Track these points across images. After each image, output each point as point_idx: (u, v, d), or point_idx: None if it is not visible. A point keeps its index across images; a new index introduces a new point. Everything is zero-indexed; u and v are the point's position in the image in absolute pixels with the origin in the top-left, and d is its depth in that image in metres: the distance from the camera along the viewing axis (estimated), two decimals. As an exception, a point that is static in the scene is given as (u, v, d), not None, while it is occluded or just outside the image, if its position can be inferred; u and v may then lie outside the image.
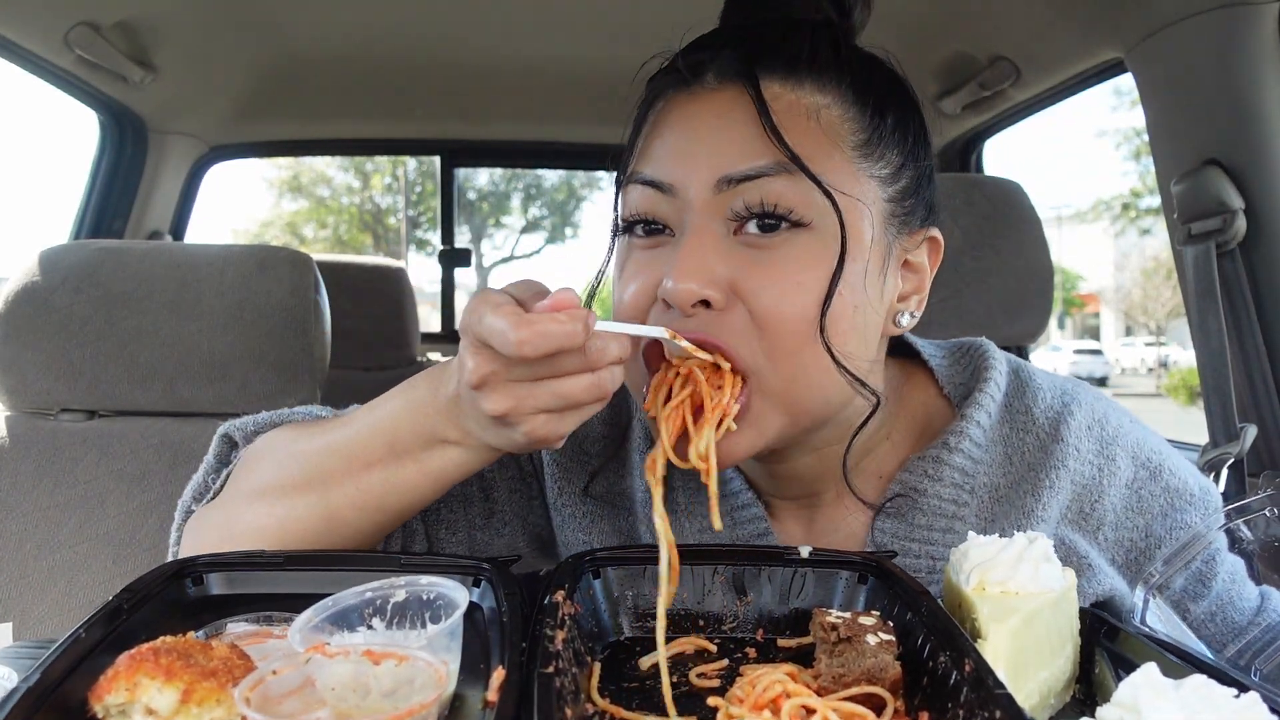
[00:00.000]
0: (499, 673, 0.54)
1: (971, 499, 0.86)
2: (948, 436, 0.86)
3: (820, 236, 0.74)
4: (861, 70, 0.80)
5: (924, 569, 0.85)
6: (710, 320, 0.74)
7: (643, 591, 0.73)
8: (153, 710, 0.52)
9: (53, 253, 1.45)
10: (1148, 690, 0.49)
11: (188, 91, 2.24)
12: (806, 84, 0.77)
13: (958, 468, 0.86)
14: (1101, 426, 0.88)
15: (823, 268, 0.74)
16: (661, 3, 1.86)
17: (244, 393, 1.44)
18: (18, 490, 1.41)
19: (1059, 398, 0.89)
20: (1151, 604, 0.73)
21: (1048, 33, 1.75)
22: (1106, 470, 0.86)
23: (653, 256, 0.79)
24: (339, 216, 21.56)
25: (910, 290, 0.85)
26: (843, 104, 0.77)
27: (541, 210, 22.66)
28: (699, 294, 0.72)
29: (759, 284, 0.73)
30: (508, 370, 0.65)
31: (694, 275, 0.73)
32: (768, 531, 0.89)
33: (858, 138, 0.77)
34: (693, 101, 0.79)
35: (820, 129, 0.76)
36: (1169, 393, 18.79)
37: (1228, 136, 1.36)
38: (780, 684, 0.58)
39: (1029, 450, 0.87)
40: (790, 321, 0.73)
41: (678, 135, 0.78)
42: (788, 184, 0.73)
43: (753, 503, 0.90)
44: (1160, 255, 24.05)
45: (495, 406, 0.66)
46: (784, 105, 0.76)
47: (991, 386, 0.89)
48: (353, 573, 0.70)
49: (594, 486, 0.96)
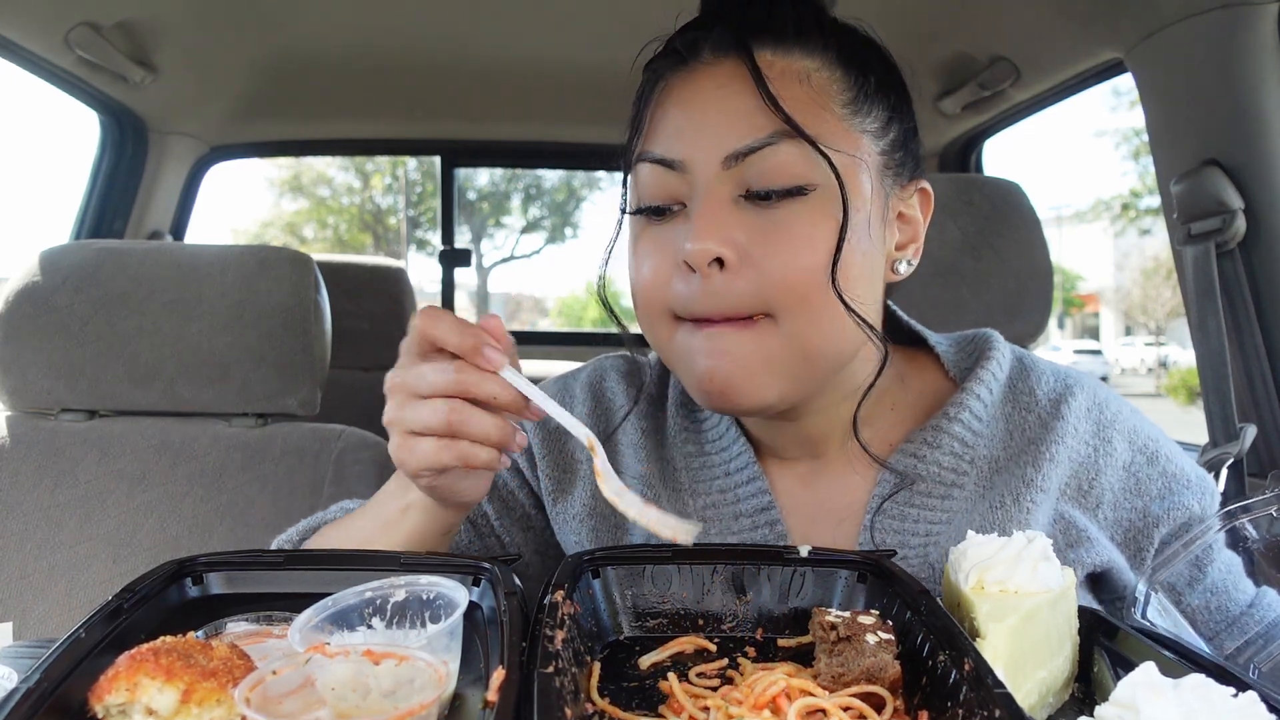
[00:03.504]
0: (499, 672, 0.54)
1: (971, 469, 0.89)
2: (948, 408, 0.91)
3: (824, 194, 0.79)
4: (843, 35, 0.85)
5: (921, 533, 0.87)
6: (724, 281, 0.78)
7: (642, 591, 0.73)
8: (153, 710, 0.52)
9: (53, 253, 1.45)
10: (1146, 689, 0.49)
11: (188, 91, 2.24)
12: (795, 51, 0.82)
13: (957, 437, 0.89)
14: (1100, 410, 0.91)
15: (829, 223, 0.78)
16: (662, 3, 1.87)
17: (244, 393, 1.44)
18: (18, 490, 1.41)
19: (1062, 380, 0.93)
20: (1153, 599, 0.73)
21: (1048, 33, 1.75)
22: (1102, 451, 0.89)
23: (666, 230, 0.83)
24: (339, 216, 21.56)
25: (906, 240, 0.89)
26: (829, 66, 0.82)
27: (541, 210, 22.66)
28: (716, 251, 0.77)
29: (771, 245, 0.78)
30: (405, 386, 0.74)
31: (710, 236, 0.77)
32: (764, 491, 0.92)
33: (846, 95, 0.82)
34: (692, 79, 0.83)
35: (812, 91, 0.81)
36: (1169, 393, 18.79)
37: (1228, 136, 1.36)
38: (778, 683, 0.58)
39: (1030, 426, 0.90)
40: (802, 274, 0.77)
41: (682, 112, 0.83)
42: (790, 150, 0.78)
43: (751, 463, 0.93)
44: (1160, 255, 24.02)
45: (386, 414, 0.75)
46: (777, 72, 0.80)
47: (994, 365, 0.93)
48: (353, 572, 0.70)
49: (582, 504, 0.98)
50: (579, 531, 0.97)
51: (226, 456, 1.46)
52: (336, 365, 1.58)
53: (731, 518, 0.92)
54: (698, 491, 0.94)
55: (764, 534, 0.90)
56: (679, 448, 0.97)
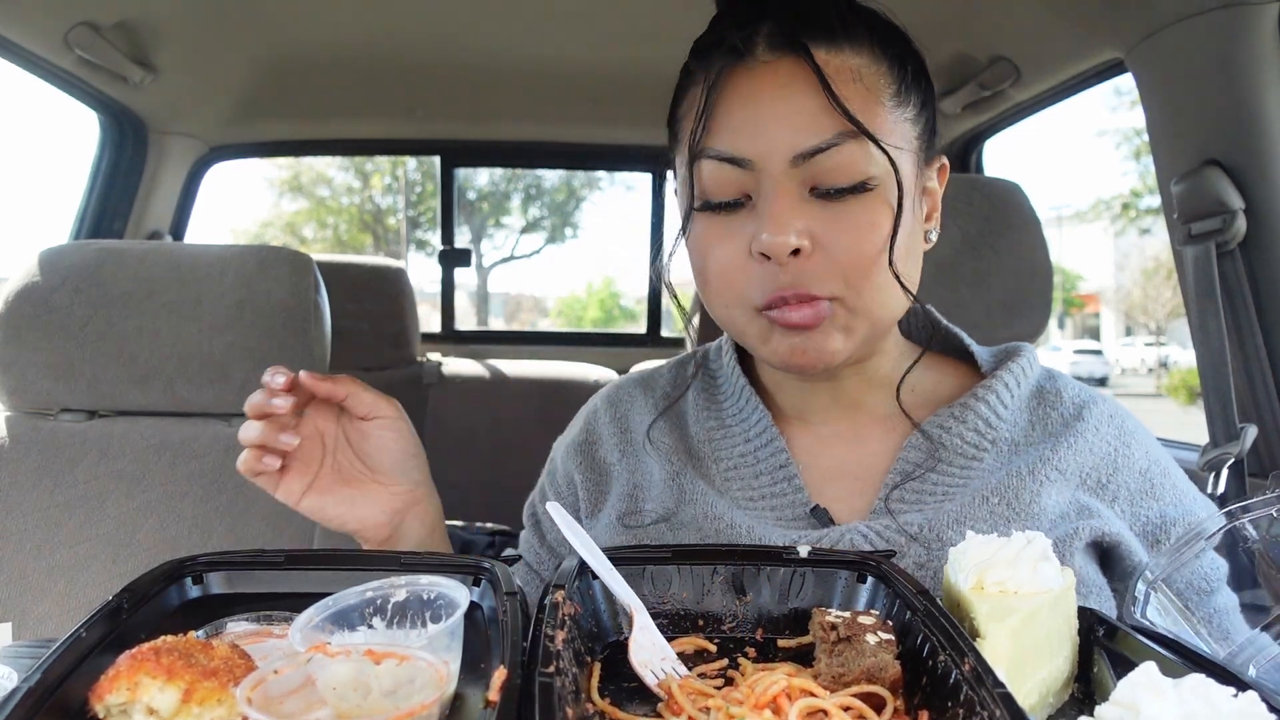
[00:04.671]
0: (500, 672, 0.54)
1: (992, 448, 0.93)
2: (976, 389, 0.96)
3: (882, 186, 0.84)
4: (879, 26, 0.88)
5: (939, 493, 0.91)
6: (798, 266, 0.84)
7: (642, 592, 0.73)
8: (154, 710, 0.52)
9: (53, 253, 1.45)
10: (1146, 689, 0.49)
11: (188, 91, 2.24)
12: (845, 48, 0.85)
13: (982, 416, 0.94)
14: (1122, 420, 0.96)
15: (886, 211, 0.84)
16: (662, 3, 1.87)
17: (244, 393, 1.42)
18: (18, 490, 1.41)
19: (1088, 391, 0.99)
20: (1153, 598, 0.73)
21: (1048, 33, 1.75)
22: (1122, 453, 0.93)
23: (733, 221, 0.87)
24: (339, 217, 21.54)
25: (930, 210, 0.95)
26: (875, 61, 0.86)
27: (541, 210, 22.65)
28: (794, 244, 0.82)
29: (836, 233, 0.84)
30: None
31: (787, 230, 0.82)
32: (782, 450, 0.96)
33: (891, 89, 0.86)
34: (752, 76, 0.85)
35: (864, 89, 0.84)
36: (1169, 393, 18.79)
37: (1228, 136, 1.36)
38: (779, 683, 0.58)
39: (1053, 423, 0.95)
40: (866, 258, 0.84)
41: (746, 110, 0.85)
42: (853, 149, 0.82)
43: (770, 427, 0.98)
44: (1160, 255, 24.00)
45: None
46: (833, 71, 0.83)
47: (1024, 362, 0.98)
48: (353, 572, 0.70)
49: (612, 508, 1.01)
50: (612, 539, 0.99)
51: (226, 456, 1.46)
52: (336, 365, 1.58)
53: (752, 476, 0.96)
54: (719, 459, 0.99)
55: (782, 488, 0.95)
56: (700, 424, 1.03)
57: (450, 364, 2.78)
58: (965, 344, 1.04)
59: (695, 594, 0.73)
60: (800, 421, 1.01)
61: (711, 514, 0.93)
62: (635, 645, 0.67)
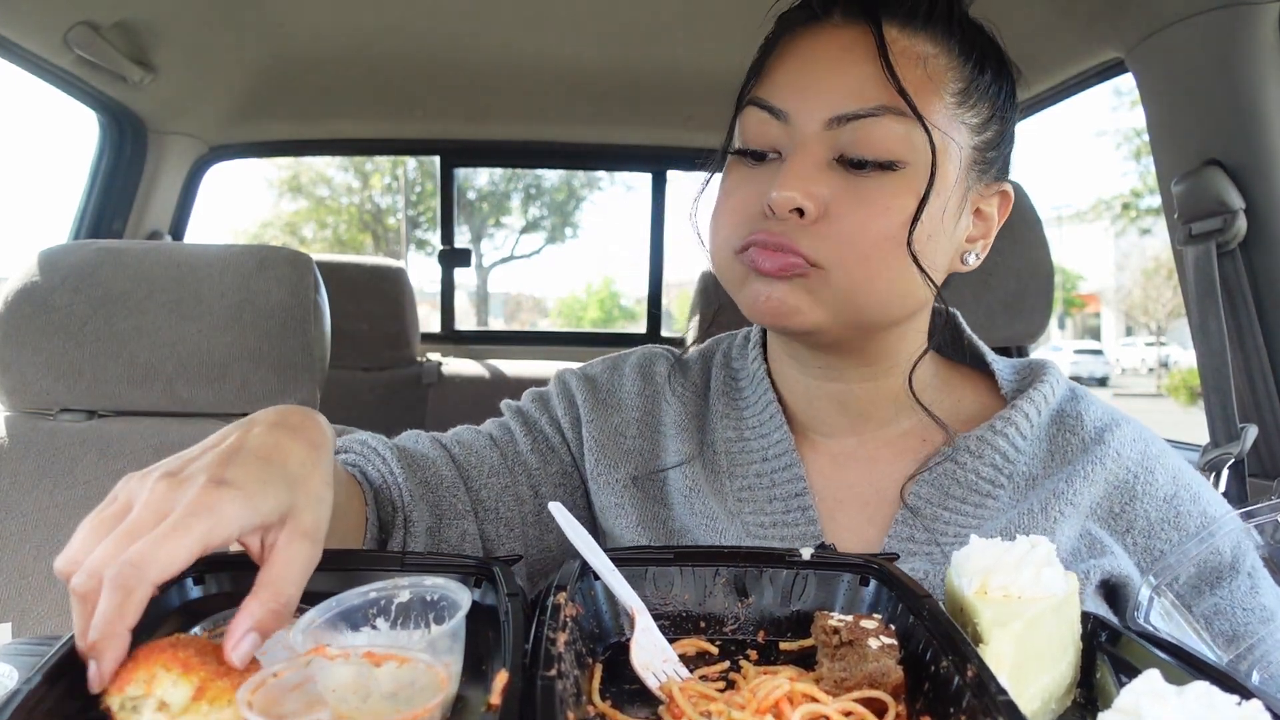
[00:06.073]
0: (501, 675, 0.54)
1: (1009, 484, 0.91)
2: (995, 420, 0.93)
3: (912, 172, 0.82)
4: (970, 28, 0.88)
5: (952, 533, 0.89)
6: (796, 228, 0.82)
7: (644, 593, 0.72)
8: (165, 704, 0.52)
9: (52, 253, 1.45)
10: (1149, 696, 0.49)
11: (188, 91, 2.24)
12: (921, 35, 0.85)
13: (1000, 450, 0.91)
14: (1146, 444, 0.93)
15: (909, 196, 0.82)
16: (662, 3, 1.87)
17: (244, 393, 1.44)
18: (17, 490, 1.41)
19: (1111, 414, 0.95)
20: (1157, 603, 0.73)
21: (1048, 33, 1.74)
22: (1143, 479, 0.90)
23: (759, 173, 0.87)
24: (339, 216, 21.54)
25: (979, 235, 0.93)
26: (949, 55, 0.85)
27: (541, 210, 22.65)
28: (798, 202, 0.81)
29: (850, 207, 0.82)
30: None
31: (797, 187, 0.81)
32: (799, 478, 0.95)
33: (956, 86, 0.85)
34: (818, 37, 0.86)
35: (926, 75, 0.84)
36: (1169, 393, 18.81)
37: (1228, 136, 1.36)
38: (782, 688, 0.57)
39: (1072, 449, 0.92)
40: (872, 236, 0.82)
41: (799, 66, 0.86)
42: (892, 125, 0.81)
43: (790, 450, 0.96)
44: (1160, 255, 24.01)
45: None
46: (899, 49, 0.83)
47: (1046, 388, 0.95)
48: (356, 573, 0.70)
49: (626, 473, 1.02)
50: (620, 496, 1.00)
51: (226, 457, 1.45)
52: (336, 365, 1.58)
53: (765, 501, 0.95)
54: (735, 474, 0.97)
55: (795, 517, 0.94)
56: (720, 432, 1.01)
57: (450, 364, 2.78)
58: (987, 361, 1.01)
59: (697, 595, 0.73)
60: (813, 435, 0.99)
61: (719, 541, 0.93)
62: (637, 647, 0.66)
